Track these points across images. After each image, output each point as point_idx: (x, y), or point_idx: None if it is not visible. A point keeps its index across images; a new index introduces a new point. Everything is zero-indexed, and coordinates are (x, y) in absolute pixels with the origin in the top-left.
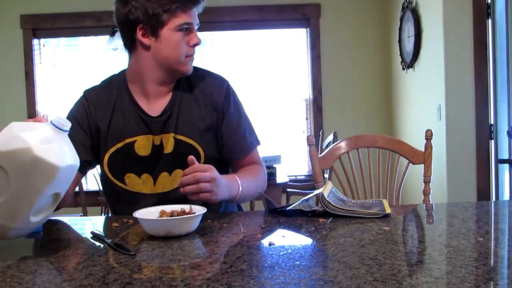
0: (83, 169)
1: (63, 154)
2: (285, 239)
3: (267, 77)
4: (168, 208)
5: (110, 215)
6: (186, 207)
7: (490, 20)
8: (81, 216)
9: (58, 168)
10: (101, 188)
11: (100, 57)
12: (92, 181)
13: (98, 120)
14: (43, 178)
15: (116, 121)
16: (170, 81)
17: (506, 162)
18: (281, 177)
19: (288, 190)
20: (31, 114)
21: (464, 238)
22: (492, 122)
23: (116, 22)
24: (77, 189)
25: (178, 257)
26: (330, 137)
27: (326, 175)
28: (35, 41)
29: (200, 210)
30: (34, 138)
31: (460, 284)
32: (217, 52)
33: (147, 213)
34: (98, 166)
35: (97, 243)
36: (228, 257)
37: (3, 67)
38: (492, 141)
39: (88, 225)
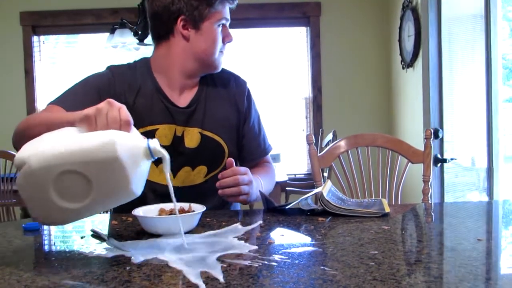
0: None
1: (143, 184)
2: (284, 238)
3: (267, 75)
4: (167, 206)
5: (109, 212)
6: (185, 205)
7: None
8: None
9: (135, 196)
10: None
11: (100, 55)
12: None
13: (122, 98)
14: (119, 199)
15: (138, 105)
16: (198, 75)
17: (442, 161)
18: (280, 176)
19: (287, 188)
20: (30, 111)
21: (463, 238)
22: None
23: (151, 10)
24: None
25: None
26: (330, 136)
27: (326, 174)
28: (34, 38)
29: (199, 208)
30: (133, 168)
31: (459, 284)
32: None
33: (146, 211)
34: None
35: (97, 241)
36: (226, 256)
37: (2, 64)
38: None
39: (88, 222)
